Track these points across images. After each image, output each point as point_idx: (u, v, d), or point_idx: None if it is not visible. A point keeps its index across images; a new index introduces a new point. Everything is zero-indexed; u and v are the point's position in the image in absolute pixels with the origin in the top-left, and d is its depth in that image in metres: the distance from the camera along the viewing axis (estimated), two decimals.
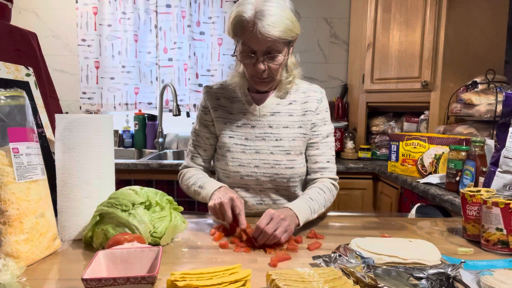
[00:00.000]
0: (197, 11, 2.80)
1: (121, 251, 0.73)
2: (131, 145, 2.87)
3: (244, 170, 1.23)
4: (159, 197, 0.98)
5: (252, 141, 1.24)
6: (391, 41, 2.36)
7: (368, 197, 2.35)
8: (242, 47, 1.13)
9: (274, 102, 1.26)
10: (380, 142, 2.59)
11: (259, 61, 1.13)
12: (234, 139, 1.25)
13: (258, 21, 1.06)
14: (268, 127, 1.24)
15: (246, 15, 1.07)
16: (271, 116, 1.25)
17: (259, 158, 1.23)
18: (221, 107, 1.28)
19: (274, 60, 1.13)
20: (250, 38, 1.09)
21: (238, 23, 1.10)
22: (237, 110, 1.27)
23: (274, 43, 1.10)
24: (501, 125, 1.16)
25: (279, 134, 1.23)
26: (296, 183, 1.27)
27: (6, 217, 0.79)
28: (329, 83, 2.93)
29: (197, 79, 2.84)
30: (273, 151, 1.23)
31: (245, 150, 1.24)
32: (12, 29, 1.55)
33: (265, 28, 1.06)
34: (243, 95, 1.27)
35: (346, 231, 1.12)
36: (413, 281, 0.69)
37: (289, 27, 1.10)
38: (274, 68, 1.15)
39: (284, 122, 1.24)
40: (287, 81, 1.24)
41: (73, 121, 0.97)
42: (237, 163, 1.23)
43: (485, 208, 0.95)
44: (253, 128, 1.25)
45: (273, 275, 0.70)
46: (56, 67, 2.82)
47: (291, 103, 1.26)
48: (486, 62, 2.12)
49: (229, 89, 1.30)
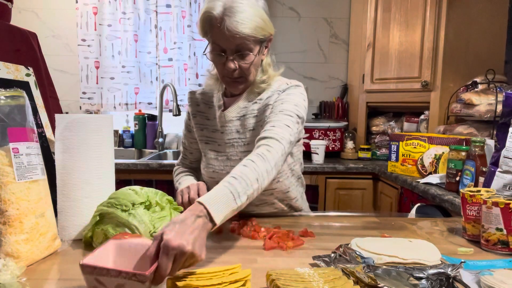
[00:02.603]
0: (197, 11, 2.80)
1: (130, 244, 0.73)
2: (131, 145, 2.87)
3: (217, 177, 1.20)
4: (159, 197, 0.98)
5: (222, 147, 1.22)
6: (391, 41, 2.36)
7: (368, 197, 2.35)
8: (212, 46, 1.09)
9: (241, 105, 1.19)
10: (380, 142, 2.59)
11: (229, 60, 1.08)
12: (209, 145, 1.25)
13: (226, 17, 1.02)
14: (236, 132, 1.20)
15: (215, 12, 1.03)
16: (237, 121, 1.19)
17: (230, 165, 1.20)
18: (199, 113, 1.28)
19: (244, 59, 1.08)
20: (218, 35, 1.05)
21: (206, 19, 1.06)
22: (213, 116, 1.25)
23: (243, 41, 1.05)
24: (501, 125, 1.16)
25: (245, 138, 1.19)
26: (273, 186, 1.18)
27: (6, 217, 0.79)
28: (329, 83, 2.93)
29: (197, 79, 2.84)
30: (241, 156, 1.17)
31: (217, 157, 1.23)
32: (12, 29, 1.55)
33: (233, 24, 1.02)
34: (217, 100, 1.24)
35: (346, 231, 1.12)
36: (413, 281, 0.69)
37: (259, 25, 1.06)
38: (245, 68, 1.10)
39: (250, 125, 1.18)
40: (260, 81, 1.17)
41: (73, 121, 0.97)
42: (211, 169, 1.24)
43: (485, 208, 0.95)
44: (222, 133, 1.22)
45: (273, 275, 0.70)
46: (56, 67, 2.82)
47: (256, 102, 1.18)
48: (486, 62, 2.12)
49: (209, 94, 1.28)
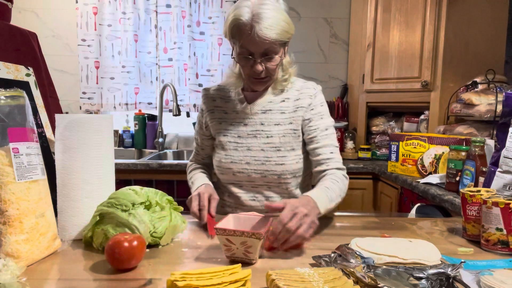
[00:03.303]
0: (197, 11, 2.80)
1: (244, 216, 0.97)
2: (131, 145, 2.87)
3: (235, 167, 1.27)
4: (159, 197, 0.98)
5: (244, 138, 1.28)
6: (391, 41, 2.36)
7: (368, 197, 2.35)
8: (240, 49, 1.16)
9: (266, 100, 1.28)
10: (380, 142, 2.59)
11: (257, 63, 1.16)
12: (228, 137, 1.29)
13: (255, 24, 1.09)
14: (260, 124, 1.27)
15: (244, 18, 1.10)
16: (263, 114, 1.27)
17: (250, 155, 1.26)
18: (217, 108, 1.33)
19: (271, 61, 1.17)
20: (248, 40, 1.12)
21: (235, 26, 1.12)
22: (231, 109, 1.31)
23: (271, 45, 1.13)
24: (501, 125, 1.16)
25: (270, 131, 1.26)
26: (288, 180, 1.26)
27: (6, 217, 0.79)
28: (329, 83, 2.93)
29: (197, 79, 2.84)
30: (263, 147, 1.25)
31: (237, 148, 1.28)
32: (12, 29, 1.55)
33: (263, 31, 1.09)
34: (236, 94, 1.31)
35: (346, 231, 1.12)
36: (413, 281, 0.69)
37: (285, 28, 1.13)
38: (271, 69, 1.18)
39: (276, 119, 1.26)
40: (283, 79, 1.27)
41: (73, 121, 0.97)
42: (230, 160, 1.28)
43: (485, 208, 0.95)
44: (245, 126, 1.28)
45: (273, 275, 0.70)
46: (56, 67, 2.82)
47: (284, 101, 1.28)
48: (486, 62, 2.12)
49: (225, 89, 1.35)
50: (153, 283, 0.75)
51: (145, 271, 0.81)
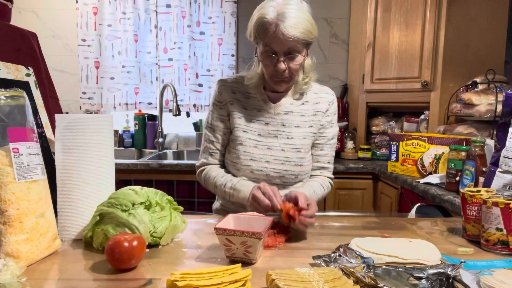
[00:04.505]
0: (197, 11, 2.80)
1: (244, 216, 0.96)
2: (131, 145, 2.87)
3: (255, 165, 1.28)
4: (159, 197, 0.98)
5: (264, 137, 1.29)
6: (391, 41, 2.36)
7: (368, 197, 2.35)
8: (264, 48, 1.18)
9: (288, 101, 1.31)
10: (380, 142, 2.59)
11: (280, 61, 1.17)
12: (248, 133, 1.29)
13: (280, 22, 1.12)
14: (281, 125, 1.30)
15: (269, 17, 1.13)
16: (285, 115, 1.30)
17: (270, 154, 1.28)
18: (236, 101, 1.32)
19: (294, 60, 1.18)
20: (272, 39, 1.14)
21: (260, 24, 1.15)
22: (252, 106, 1.32)
23: (295, 44, 1.15)
24: (501, 125, 1.16)
25: (290, 132, 1.29)
26: (304, 180, 1.33)
27: (6, 217, 0.79)
28: (329, 83, 2.93)
29: (197, 79, 2.84)
30: (284, 148, 1.28)
31: (257, 145, 1.29)
32: (12, 29, 1.55)
33: (287, 29, 1.11)
34: (258, 93, 1.32)
35: (346, 231, 1.12)
36: (413, 281, 0.69)
37: (309, 28, 1.15)
38: (294, 68, 1.20)
39: (297, 121, 1.30)
40: (303, 82, 1.30)
41: (73, 121, 0.97)
42: (249, 157, 1.28)
43: (485, 208, 0.95)
44: (266, 125, 1.30)
45: (273, 275, 0.70)
46: (56, 67, 2.82)
47: (304, 104, 1.32)
48: (486, 62, 2.12)
49: (244, 84, 1.34)
50: (153, 283, 0.75)
51: (145, 271, 0.81)
